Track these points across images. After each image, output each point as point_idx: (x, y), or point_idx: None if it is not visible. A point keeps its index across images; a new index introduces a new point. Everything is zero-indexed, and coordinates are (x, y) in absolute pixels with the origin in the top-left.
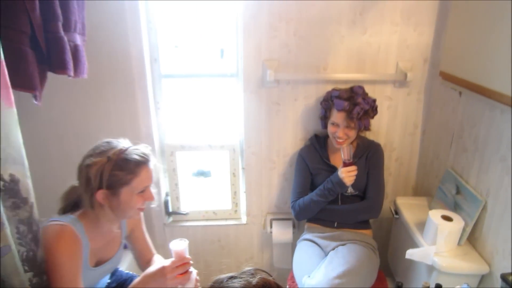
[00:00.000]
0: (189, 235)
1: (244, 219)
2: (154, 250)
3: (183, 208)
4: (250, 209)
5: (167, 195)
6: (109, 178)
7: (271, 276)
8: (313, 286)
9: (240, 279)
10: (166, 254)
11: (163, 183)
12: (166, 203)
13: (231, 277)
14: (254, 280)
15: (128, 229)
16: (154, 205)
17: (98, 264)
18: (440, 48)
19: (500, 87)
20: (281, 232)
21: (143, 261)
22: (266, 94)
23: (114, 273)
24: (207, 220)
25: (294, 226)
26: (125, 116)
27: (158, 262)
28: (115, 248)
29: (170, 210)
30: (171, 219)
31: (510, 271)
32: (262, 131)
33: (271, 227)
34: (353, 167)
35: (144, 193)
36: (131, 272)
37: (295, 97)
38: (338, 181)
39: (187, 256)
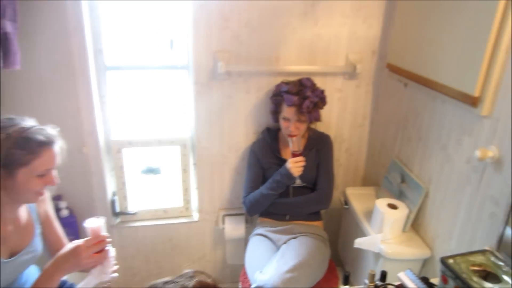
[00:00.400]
0: (138, 236)
1: (196, 216)
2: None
3: (132, 208)
4: (202, 205)
5: (114, 194)
6: (6, 156)
7: (210, 277)
8: (265, 281)
9: (175, 283)
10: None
11: (109, 182)
12: (112, 203)
13: (167, 282)
14: (190, 284)
15: (41, 218)
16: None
17: (12, 255)
18: (387, 40)
19: (441, 78)
20: (233, 228)
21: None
22: (217, 86)
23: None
24: (157, 219)
25: (247, 221)
26: (66, 112)
27: (72, 242)
28: (28, 236)
29: (118, 210)
30: (118, 219)
31: (449, 253)
32: (214, 125)
33: (223, 223)
34: (301, 158)
35: (45, 177)
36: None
37: (247, 90)
38: (286, 172)
39: (104, 233)
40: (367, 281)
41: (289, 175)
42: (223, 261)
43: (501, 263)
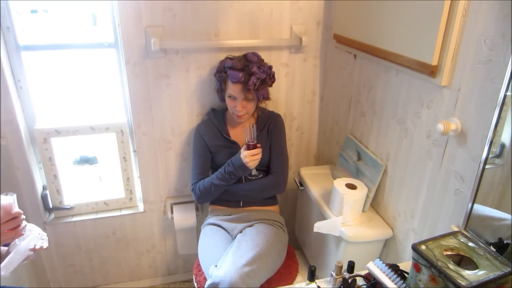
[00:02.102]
0: (77, 231)
1: (141, 207)
2: None
3: (67, 202)
4: (147, 195)
5: (44, 188)
6: None
7: None
8: (221, 278)
9: None
10: (49, 256)
11: (37, 175)
12: (44, 198)
13: None
14: None
15: None
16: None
17: None
18: (332, 9)
19: (394, 47)
20: (183, 217)
21: None
22: (152, 65)
23: None
24: (97, 212)
25: (197, 209)
26: None
27: None
28: None
29: (51, 205)
30: (52, 216)
31: (411, 233)
32: (153, 108)
33: (172, 212)
34: (258, 150)
35: None
36: None
37: (186, 68)
38: (240, 164)
39: (16, 210)
40: (334, 274)
41: (244, 167)
42: (174, 251)
43: (473, 245)
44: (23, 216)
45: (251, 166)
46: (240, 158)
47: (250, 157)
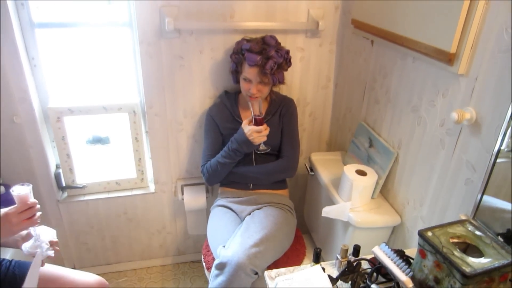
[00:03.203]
0: (89, 210)
1: (152, 188)
2: None
3: (80, 181)
4: (158, 176)
5: (57, 167)
6: None
7: None
8: (229, 258)
9: None
10: (62, 235)
11: (50, 154)
12: (57, 176)
13: None
14: None
15: None
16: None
17: None
18: None
19: (412, 34)
20: (193, 199)
21: None
22: (166, 46)
23: None
24: (109, 191)
25: (207, 191)
26: None
27: None
28: None
29: (64, 184)
30: (65, 194)
31: (419, 220)
32: (166, 89)
33: (182, 193)
34: (262, 127)
35: None
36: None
37: (200, 49)
38: (244, 140)
39: (32, 200)
40: (339, 257)
41: (249, 143)
42: (184, 232)
43: (480, 233)
44: (38, 206)
45: (256, 143)
46: (243, 134)
47: (256, 134)
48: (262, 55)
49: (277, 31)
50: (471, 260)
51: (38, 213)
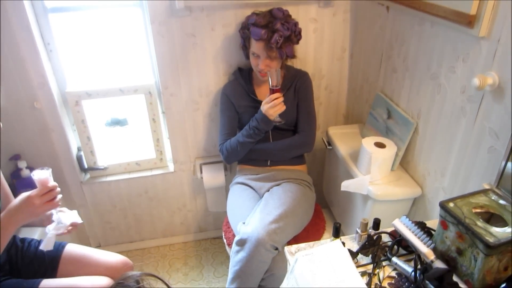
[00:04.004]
0: (111, 190)
1: (171, 167)
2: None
3: (101, 163)
4: (177, 155)
5: (79, 150)
6: None
7: (161, 279)
8: (249, 234)
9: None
10: (87, 214)
11: (71, 137)
12: (79, 159)
13: None
14: None
15: None
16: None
17: None
18: None
19: None
20: (212, 177)
21: None
22: (178, 24)
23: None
24: (130, 172)
25: (226, 169)
26: (8, 64)
27: (20, 195)
28: None
29: (86, 166)
30: (88, 176)
31: (441, 191)
32: (180, 68)
33: (201, 172)
34: (277, 95)
35: None
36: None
37: (212, 26)
38: (262, 117)
39: (52, 183)
40: (359, 231)
41: (265, 119)
42: (204, 209)
43: (504, 202)
44: (58, 189)
45: (271, 115)
46: (261, 111)
47: (269, 104)
48: (268, 28)
49: (288, 3)
50: (495, 229)
51: (59, 196)
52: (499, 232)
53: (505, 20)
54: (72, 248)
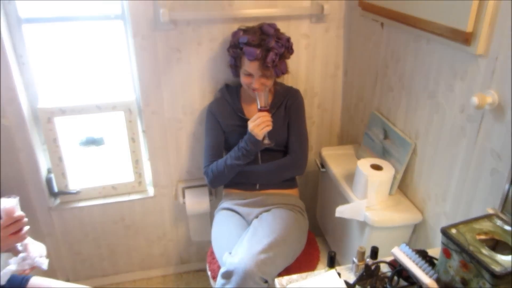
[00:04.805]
0: (83, 217)
1: (151, 191)
2: None
3: (73, 186)
4: (157, 179)
5: (49, 172)
6: None
7: None
8: (235, 265)
9: None
10: (55, 244)
11: (41, 158)
12: (49, 181)
13: None
14: None
15: None
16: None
17: None
18: None
19: (424, 14)
20: (196, 202)
21: None
22: (162, 39)
23: None
24: (105, 197)
25: (211, 193)
26: None
27: None
28: None
29: (56, 190)
30: (58, 201)
31: (443, 217)
32: (162, 84)
33: (184, 197)
34: (264, 113)
35: None
36: None
37: (198, 41)
38: (250, 137)
39: (18, 213)
40: (356, 260)
41: (252, 139)
42: (187, 238)
43: (509, 228)
44: (25, 219)
45: (257, 134)
46: (248, 130)
47: (255, 122)
48: (262, 47)
49: (279, 18)
50: (501, 258)
51: (26, 227)
52: (506, 261)
53: (502, 37)
54: (37, 282)
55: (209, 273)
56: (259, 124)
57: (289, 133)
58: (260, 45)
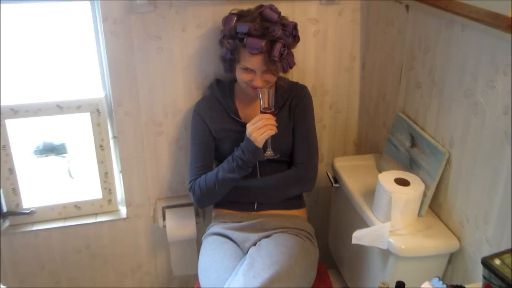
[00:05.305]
0: (39, 244)
1: (123, 212)
2: None
3: (26, 205)
4: (131, 196)
5: None
6: None
7: None
8: None
9: None
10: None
11: None
12: None
13: None
14: None
15: None
16: None
17: None
18: None
19: None
20: (179, 225)
21: None
22: (138, 23)
23: None
24: (65, 219)
25: (197, 215)
26: None
27: None
28: None
29: (5, 209)
30: (7, 223)
31: (485, 244)
32: (139, 79)
33: (164, 219)
34: (267, 115)
35: None
36: None
37: (183, 26)
38: (246, 144)
39: None
40: None
41: (252, 147)
42: (167, 271)
43: None
44: None
45: (257, 140)
46: (247, 136)
47: (255, 124)
48: (266, 37)
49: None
50: None
51: None
52: None
53: None
54: None
55: None
56: (260, 127)
57: (295, 140)
58: (264, 35)
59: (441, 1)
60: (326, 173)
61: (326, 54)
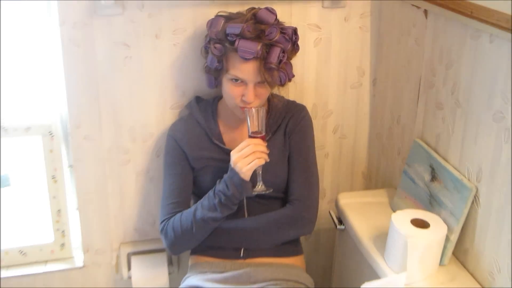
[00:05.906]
0: None
1: (79, 260)
2: None
3: None
4: (90, 239)
5: None
6: None
7: None
8: None
9: None
10: None
11: None
12: None
13: None
14: None
15: None
16: None
17: None
18: None
19: (487, 1)
20: (148, 276)
21: None
22: (102, 28)
23: None
24: (8, 267)
25: (171, 263)
26: None
27: None
28: None
29: None
30: None
31: None
32: (101, 96)
33: (129, 268)
34: (256, 140)
35: None
36: None
37: (157, 32)
38: (231, 176)
39: None
40: None
41: (238, 180)
42: None
43: None
44: None
45: (242, 171)
46: (231, 166)
47: (241, 152)
48: (262, 40)
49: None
50: None
51: None
52: None
53: None
54: None
55: None
56: (248, 155)
57: (290, 171)
58: (260, 37)
59: (465, 6)
60: (329, 212)
61: (329, 67)
